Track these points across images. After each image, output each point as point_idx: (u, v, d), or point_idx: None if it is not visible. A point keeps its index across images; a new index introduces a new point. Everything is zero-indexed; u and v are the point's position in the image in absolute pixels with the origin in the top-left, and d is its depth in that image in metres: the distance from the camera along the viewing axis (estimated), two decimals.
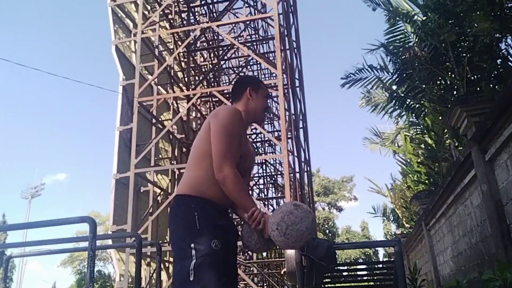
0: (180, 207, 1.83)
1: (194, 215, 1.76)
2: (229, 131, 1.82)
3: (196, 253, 1.68)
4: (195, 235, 1.72)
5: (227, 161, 1.78)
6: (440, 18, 5.70)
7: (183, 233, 1.76)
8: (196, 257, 1.67)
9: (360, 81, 7.78)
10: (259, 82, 2.13)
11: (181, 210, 1.81)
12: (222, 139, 1.80)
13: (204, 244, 1.69)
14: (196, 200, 1.80)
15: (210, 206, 1.81)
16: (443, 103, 6.50)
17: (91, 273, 1.75)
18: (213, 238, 1.71)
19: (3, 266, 3.52)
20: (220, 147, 1.79)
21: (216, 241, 1.71)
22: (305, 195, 10.19)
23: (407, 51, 6.21)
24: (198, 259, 1.67)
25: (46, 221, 1.97)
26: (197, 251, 1.68)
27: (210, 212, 1.80)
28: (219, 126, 1.83)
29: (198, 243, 1.70)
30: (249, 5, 11.76)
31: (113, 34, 9.80)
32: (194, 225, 1.74)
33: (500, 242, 3.26)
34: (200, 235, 1.72)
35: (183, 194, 1.84)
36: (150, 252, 8.14)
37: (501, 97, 2.96)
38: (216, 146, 1.80)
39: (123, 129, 9.11)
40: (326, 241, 3.19)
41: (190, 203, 1.80)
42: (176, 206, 1.85)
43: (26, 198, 33.12)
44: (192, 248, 1.69)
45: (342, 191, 34.58)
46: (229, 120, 1.84)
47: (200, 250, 1.68)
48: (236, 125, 1.85)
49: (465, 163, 4.00)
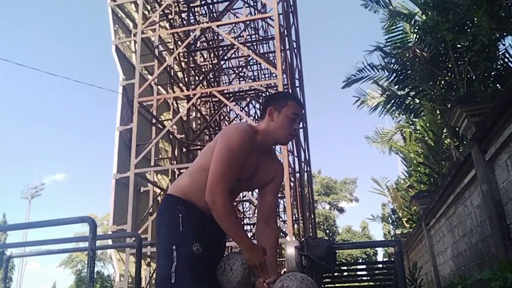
0: (166, 206, 1.81)
1: (178, 217, 1.74)
2: (232, 152, 1.70)
3: (177, 255, 1.66)
4: (177, 237, 1.70)
5: (221, 185, 1.68)
6: (439, 16, 5.69)
7: (167, 233, 1.74)
8: (177, 259, 1.65)
9: (361, 80, 7.78)
10: (286, 99, 1.89)
11: (167, 210, 1.79)
12: (223, 159, 1.70)
13: (186, 247, 1.67)
14: (183, 203, 1.78)
15: (196, 211, 1.78)
16: (443, 103, 6.50)
17: (91, 273, 1.75)
18: (194, 242, 1.68)
19: (3, 266, 3.51)
20: (218, 167, 1.70)
21: (197, 244, 1.68)
22: (305, 195, 10.19)
23: (407, 51, 6.21)
24: (179, 261, 1.64)
25: (46, 221, 1.97)
26: (178, 253, 1.66)
27: (195, 217, 1.76)
28: (223, 144, 1.73)
29: (180, 245, 1.68)
30: (249, 5, 11.76)
31: (113, 34, 9.80)
32: (177, 227, 1.72)
33: (500, 242, 3.26)
34: (182, 237, 1.70)
35: (172, 195, 1.83)
36: (150, 252, 8.14)
37: (501, 97, 2.96)
38: (215, 166, 1.71)
39: (123, 129, 9.11)
40: (326, 241, 3.19)
41: (176, 204, 1.78)
42: (164, 205, 1.83)
43: (26, 198, 33.15)
44: (173, 250, 1.67)
45: (343, 192, 34.58)
46: (235, 139, 1.72)
47: (181, 252, 1.66)
48: (243, 146, 1.73)
49: (465, 163, 4.00)
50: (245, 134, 1.75)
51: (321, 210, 32.56)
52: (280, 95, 2.02)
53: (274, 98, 1.93)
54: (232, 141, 1.71)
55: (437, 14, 5.71)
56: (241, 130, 1.76)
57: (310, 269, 3.03)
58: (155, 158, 10.29)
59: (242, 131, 1.75)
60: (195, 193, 1.80)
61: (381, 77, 7.59)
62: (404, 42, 7.10)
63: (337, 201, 34.23)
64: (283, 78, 7.79)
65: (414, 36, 6.76)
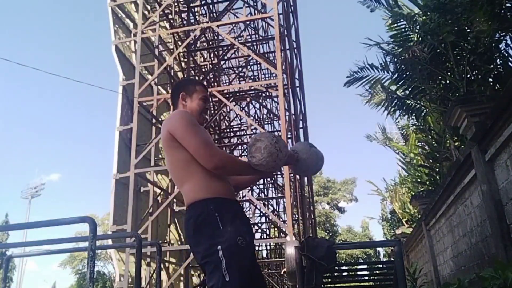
0: (203, 213, 1.78)
1: (215, 217, 1.75)
2: (190, 126, 1.83)
3: (223, 253, 1.68)
4: (219, 237, 1.71)
5: (210, 148, 1.79)
6: (440, 18, 5.69)
7: (210, 238, 1.73)
8: (225, 257, 1.67)
9: (362, 79, 7.75)
10: (194, 85, 2.09)
11: (205, 215, 1.77)
12: (191, 134, 1.81)
13: (230, 243, 1.70)
14: (213, 202, 1.79)
15: (227, 204, 1.82)
16: (443, 103, 6.50)
17: (91, 273, 1.75)
18: (238, 236, 1.72)
19: (3, 266, 3.51)
20: (194, 141, 1.80)
21: (241, 238, 1.72)
22: (305, 195, 10.19)
23: (407, 51, 6.20)
24: (227, 258, 1.67)
25: (46, 221, 1.97)
26: (224, 251, 1.68)
27: (230, 211, 1.81)
28: (180, 126, 1.83)
29: (224, 243, 1.70)
30: (249, 5, 11.75)
31: (113, 34, 9.80)
32: (218, 227, 1.74)
33: (500, 242, 3.26)
34: (224, 235, 1.72)
35: (199, 200, 1.81)
36: (150, 252, 8.13)
37: (501, 97, 2.96)
38: (190, 143, 1.80)
39: (123, 129, 9.10)
40: (326, 241, 3.19)
41: (209, 205, 1.78)
42: (196, 214, 1.79)
43: (26, 198, 33.15)
44: (219, 250, 1.68)
45: (342, 192, 34.58)
46: (183, 118, 1.86)
47: (227, 250, 1.68)
48: (191, 120, 1.87)
49: (465, 163, 4.00)
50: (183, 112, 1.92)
51: (321, 210, 32.57)
52: (187, 82, 2.20)
53: (183, 85, 2.11)
54: (183, 120, 1.85)
55: (438, 16, 5.70)
56: (177, 111, 1.94)
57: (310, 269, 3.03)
58: (155, 158, 10.29)
59: (179, 111, 1.94)
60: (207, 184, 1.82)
61: (383, 77, 7.58)
62: (406, 40, 7.07)
63: (336, 200, 34.24)
64: (283, 78, 7.78)
65: (415, 36, 6.75)
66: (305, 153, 2.01)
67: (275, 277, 14.12)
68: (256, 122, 12.84)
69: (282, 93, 7.45)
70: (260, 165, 1.83)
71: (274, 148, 1.80)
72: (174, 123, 1.85)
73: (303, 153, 2.01)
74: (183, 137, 1.81)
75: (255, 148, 1.83)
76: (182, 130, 1.82)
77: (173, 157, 1.88)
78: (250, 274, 1.73)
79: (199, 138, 1.80)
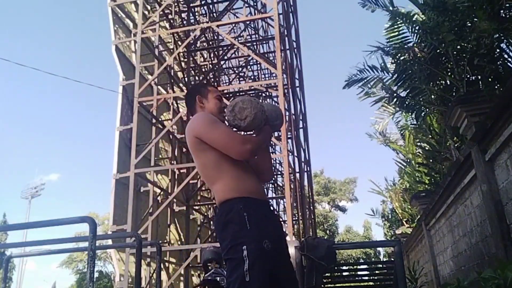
0: (231, 211, 1.80)
1: (243, 216, 1.76)
2: (213, 123, 1.87)
3: (248, 254, 1.68)
4: (246, 237, 1.73)
5: (238, 137, 1.84)
6: (439, 17, 5.69)
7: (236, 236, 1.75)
8: (249, 257, 1.68)
9: (361, 81, 7.75)
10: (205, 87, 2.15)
11: (234, 214, 1.79)
12: (216, 131, 1.85)
13: (256, 245, 1.70)
14: (243, 201, 1.81)
15: (256, 205, 1.83)
16: (443, 103, 6.50)
17: (91, 273, 1.75)
18: (264, 239, 1.73)
19: (3, 266, 3.52)
20: (221, 137, 1.83)
21: (267, 241, 1.73)
22: (305, 195, 10.19)
23: (407, 51, 6.20)
24: (251, 260, 1.67)
25: (46, 221, 1.98)
26: (249, 252, 1.69)
27: (259, 211, 1.81)
28: (203, 127, 1.88)
29: (249, 243, 1.70)
30: (249, 5, 11.76)
31: (113, 34, 9.80)
32: (245, 227, 1.75)
33: (500, 242, 3.26)
34: (251, 236, 1.72)
35: (229, 199, 1.83)
36: (150, 252, 8.13)
37: (501, 97, 2.96)
38: (217, 139, 1.84)
39: (123, 129, 9.10)
40: (326, 241, 3.19)
41: (238, 204, 1.80)
42: (227, 211, 1.82)
43: (26, 198, 33.13)
44: (244, 250, 1.69)
45: (343, 192, 34.58)
46: (204, 119, 1.91)
47: (252, 250, 1.69)
48: (212, 118, 1.92)
49: (465, 163, 4.00)
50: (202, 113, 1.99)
51: (321, 210, 32.57)
52: (198, 86, 2.24)
53: (196, 90, 2.16)
54: (206, 121, 1.89)
55: (437, 16, 5.70)
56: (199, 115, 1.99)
57: (310, 269, 3.03)
58: (155, 158, 10.29)
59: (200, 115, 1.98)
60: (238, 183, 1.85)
61: (383, 78, 7.57)
62: (404, 42, 7.08)
63: (336, 200, 34.25)
64: (283, 78, 7.79)
65: (415, 36, 6.75)
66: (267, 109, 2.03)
67: None
68: None
69: (282, 93, 7.45)
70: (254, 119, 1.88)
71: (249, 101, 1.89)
72: (196, 126, 1.89)
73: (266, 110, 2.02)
74: (208, 136, 1.85)
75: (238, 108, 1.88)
76: (206, 130, 1.86)
77: (203, 159, 1.91)
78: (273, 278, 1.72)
79: (224, 132, 1.84)
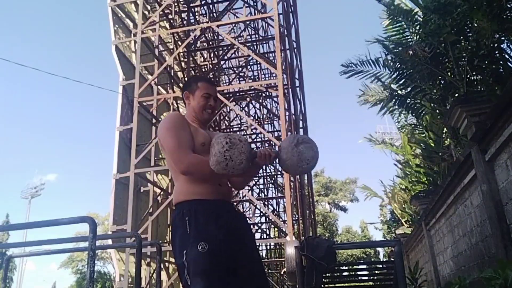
0: (177, 215, 1.83)
1: (185, 221, 1.76)
2: (171, 129, 1.85)
3: (186, 257, 1.69)
4: (186, 241, 1.72)
5: (181, 152, 1.78)
6: (440, 19, 5.69)
7: (180, 241, 1.76)
8: (187, 261, 1.68)
9: (361, 73, 7.70)
10: (196, 82, 2.07)
11: (178, 219, 1.81)
12: (168, 138, 1.83)
13: (192, 248, 1.69)
14: (189, 205, 1.80)
15: (203, 207, 1.79)
16: (443, 103, 6.50)
17: (91, 273, 1.75)
18: (200, 241, 1.69)
19: (4, 266, 3.52)
20: (169, 145, 1.82)
21: (203, 243, 1.69)
22: (305, 195, 10.19)
23: (407, 50, 6.20)
24: (188, 263, 1.68)
25: (46, 221, 1.97)
26: (187, 255, 1.69)
27: (202, 214, 1.78)
28: (161, 130, 1.89)
29: (188, 247, 1.70)
30: (249, 5, 11.76)
31: (113, 34, 9.80)
32: (185, 231, 1.75)
33: (500, 242, 3.26)
34: (189, 239, 1.72)
35: (178, 202, 1.86)
36: (150, 252, 8.13)
37: (501, 97, 2.96)
38: (166, 148, 1.84)
39: (123, 129, 9.11)
40: (326, 241, 3.19)
41: (183, 209, 1.80)
42: (174, 216, 1.86)
43: (26, 198, 33.13)
44: (184, 255, 1.70)
45: (343, 192, 34.60)
46: (167, 122, 1.89)
47: (189, 254, 1.69)
48: (175, 122, 1.88)
49: (465, 163, 4.00)
50: (172, 114, 1.97)
51: (321, 210, 32.58)
52: (191, 80, 2.17)
53: (187, 84, 2.13)
54: (166, 124, 1.89)
55: (438, 18, 5.70)
56: (168, 115, 1.97)
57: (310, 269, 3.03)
58: (155, 158, 10.29)
59: (169, 115, 1.96)
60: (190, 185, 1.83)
61: (383, 74, 7.56)
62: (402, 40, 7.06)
63: (337, 200, 34.26)
64: (283, 78, 7.78)
65: (415, 37, 6.74)
66: (286, 153, 1.80)
67: (275, 277, 14.12)
68: (256, 122, 12.83)
69: (282, 93, 7.45)
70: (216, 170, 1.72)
71: (223, 157, 1.68)
72: (160, 128, 1.92)
73: (284, 153, 1.81)
74: (162, 142, 1.88)
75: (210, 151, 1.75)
76: (163, 135, 1.87)
77: (167, 161, 1.93)
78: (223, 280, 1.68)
79: (173, 142, 1.81)
